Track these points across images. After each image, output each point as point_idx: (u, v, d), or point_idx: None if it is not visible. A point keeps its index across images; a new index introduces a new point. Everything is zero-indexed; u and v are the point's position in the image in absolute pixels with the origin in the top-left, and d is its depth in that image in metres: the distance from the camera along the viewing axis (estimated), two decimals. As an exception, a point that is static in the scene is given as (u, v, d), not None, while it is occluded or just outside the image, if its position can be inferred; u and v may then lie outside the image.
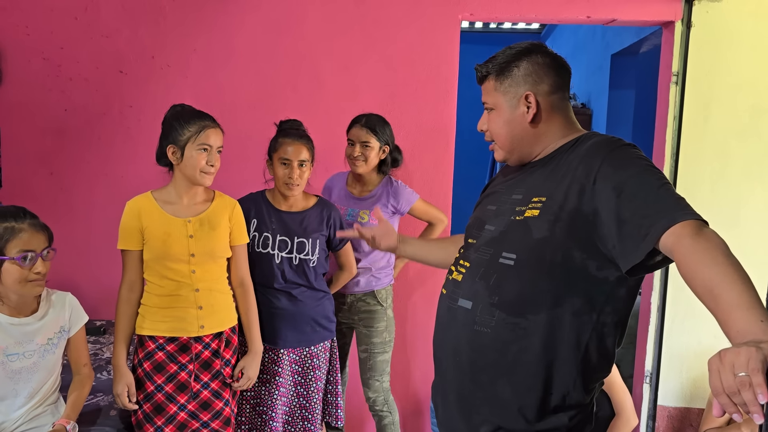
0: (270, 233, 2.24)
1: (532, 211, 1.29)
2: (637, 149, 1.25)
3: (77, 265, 2.86)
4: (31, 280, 1.66)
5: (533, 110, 1.36)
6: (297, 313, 2.26)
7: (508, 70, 1.39)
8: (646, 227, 1.10)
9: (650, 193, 1.14)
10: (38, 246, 1.67)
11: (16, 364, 1.69)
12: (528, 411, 1.28)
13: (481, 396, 1.33)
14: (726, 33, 2.79)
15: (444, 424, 1.44)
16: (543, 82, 1.37)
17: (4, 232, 1.62)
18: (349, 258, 2.45)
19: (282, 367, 2.26)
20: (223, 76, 2.87)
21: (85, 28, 2.85)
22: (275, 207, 2.28)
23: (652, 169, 1.19)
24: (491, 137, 1.45)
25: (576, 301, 1.25)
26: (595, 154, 1.25)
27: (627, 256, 1.15)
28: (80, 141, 2.90)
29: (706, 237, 1.03)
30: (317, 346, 2.31)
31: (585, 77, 5.39)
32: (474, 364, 1.33)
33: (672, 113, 2.85)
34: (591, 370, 1.29)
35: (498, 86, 1.40)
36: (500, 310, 1.28)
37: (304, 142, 2.22)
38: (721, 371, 0.84)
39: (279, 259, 2.23)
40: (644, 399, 3.00)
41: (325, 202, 2.37)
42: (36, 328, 1.74)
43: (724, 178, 2.85)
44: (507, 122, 1.40)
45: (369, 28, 2.85)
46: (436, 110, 2.89)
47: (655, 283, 2.94)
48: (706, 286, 0.99)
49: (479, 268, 1.35)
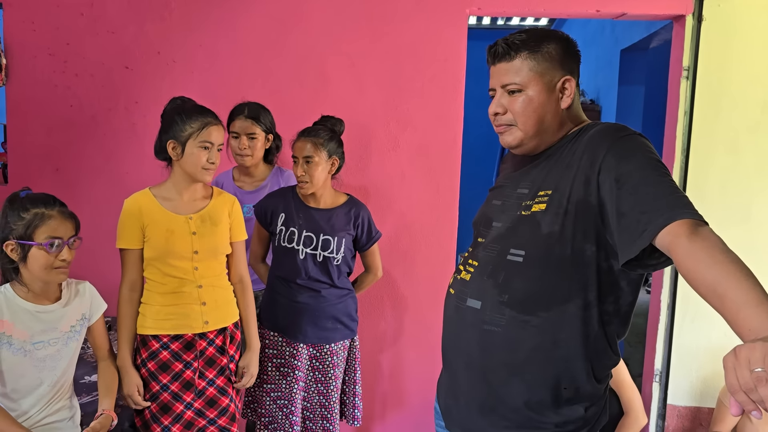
0: (296, 228, 2.23)
1: (539, 205, 1.27)
2: (644, 138, 1.22)
3: (82, 262, 2.82)
4: (56, 267, 1.67)
5: (570, 97, 1.30)
6: (318, 308, 2.25)
7: (543, 49, 1.29)
8: (644, 223, 1.08)
9: (651, 188, 1.11)
10: (65, 233, 1.68)
11: (42, 352, 1.70)
12: (543, 407, 1.27)
13: (495, 395, 1.31)
14: (738, 27, 2.76)
15: (459, 425, 1.41)
16: (574, 69, 1.33)
17: (33, 218, 1.64)
18: (375, 260, 2.44)
19: (301, 361, 2.25)
20: (229, 71, 2.86)
21: (91, 24, 2.84)
22: (304, 203, 2.27)
23: (656, 162, 1.16)
24: (511, 121, 1.33)
25: (586, 294, 1.23)
26: (599, 143, 1.22)
27: (623, 249, 1.13)
28: (86, 137, 2.89)
29: (702, 236, 1.01)
30: (337, 343, 2.30)
31: (594, 73, 5.36)
32: (485, 364, 1.31)
33: (683, 108, 2.82)
34: (600, 359, 1.28)
35: (535, 66, 1.28)
36: (510, 309, 1.26)
37: (308, 139, 2.19)
38: (737, 368, 0.81)
39: (303, 255, 2.22)
40: (654, 398, 2.97)
41: (355, 201, 2.35)
42: (60, 315, 1.75)
43: (736, 173, 2.82)
44: (540, 106, 1.30)
45: (375, 22, 2.83)
46: (443, 106, 2.86)
47: (665, 280, 2.91)
48: (709, 286, 0.97)
49: (488, 266, 1.33)
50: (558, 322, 1.23)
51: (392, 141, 2.88)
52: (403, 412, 3.08)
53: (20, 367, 1.67)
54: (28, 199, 1.67)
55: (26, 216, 1.64)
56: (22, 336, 1.67)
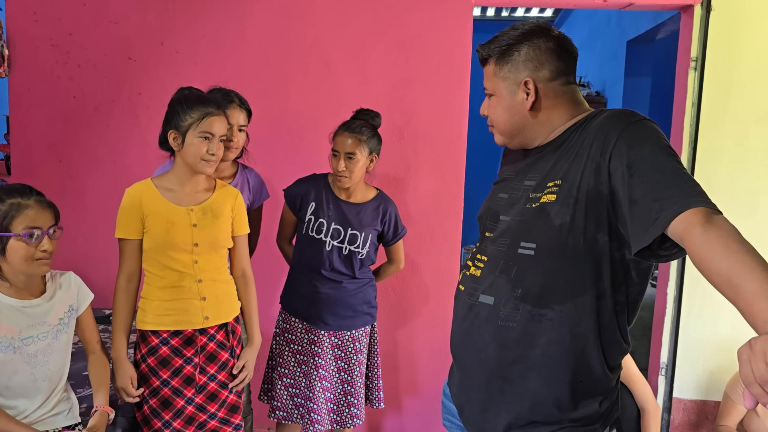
0: (325, 220, 2.24)
1: (549, 196, 1.24)
2: (654, 124, 1.20)
3: (86, 253, 2.85)
4: (37, 259, 1.62)
5: (532, 97, 1.32)
6: (339, 298, 2.28)
7: (508, 55, 1.34)
8: (657, 211, 1.06)
9: (663, 175, 1.09)
10: (45, 223, 1.63)
11: (32, 348, 1.67)
12: (562, 401, 1.25)
13: (512, 392, 1.29)
14: (747, 17, 2.72)
15: (471, 424, 1.39)
16: (543, 67, 1.32)
17: (9, 208, 1.59)
18: (399, 253, 2.48)
19: (322, 348, 2.27)
20: (232, 62, 2.84)
21: (94, 15, 2.83)
22: (335, 195, 2.28)
23: (668, 149, 1.14)
24: (491, 122, 1.41)
25: (600, 284, 1.21)
26: (610, 129, 1.20)
27: (635, 238, 1.11)
28: (89, 128, 2.89)
29: (717, 225, 0.99)
30: (358, 330, 2.33)
31: (600, 65, 5.32)
32: (501, 360, 1.29)
33: (690, 99, 2.79)
34: (613, 349, 1.26)
35: (497, 71, 1.36)
36: (525, 303, 1.24)
37: (353, 134, 2.18)
38: (752, 360, 0.80)
39: (329, 247, 2.24)
40: (660, 391, 2.95)
41: (384, 197, 2.36)
42: (46, 309, 1.72)
43: (744, 165, 2.79)
44: (506, 109, 1.36)
45: (380, 13, 2.81)
46: (449, 97, 2.84)
47: (672, 273, 2.89)
48: (723, 276, 0.95)
49: (498, 261, 1.31)
50: (574, 314, 1.21)
51: (397, 132, 2.86)
52: (411, 407, 3.07)
53: (11, 365, 1.63)
54: (2, 189, 1.61)
55: (2, 207, 1.58)
56: (10, 333, 1.63)
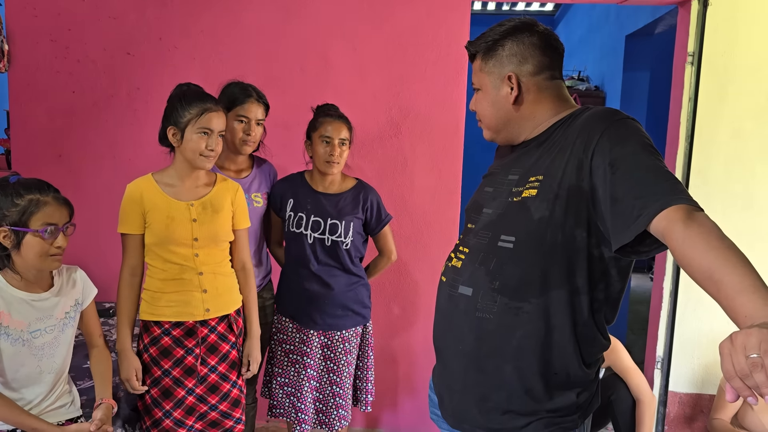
0: (304, 213, 2.24)
1: (530, 191, 1.27)
2: (637, 123, 1.22)
3: (86, 248, 2.86)
4: (51, 255, 1.65)
5: (515, 91, 1.34)
6: (328, 297, 2.25)
7: (493, 50, 1.37)
8: (638, 208, 1.08)
9: (646, 173, 1.11)
10: (61, 220, 1.66)
11: (39, 341, 1.69)
12: (536, 393, 1.28)
13: (488, 383, 1.31)
14: (744, 12, 2.72)
15: (452, 414, 1.41)
16: (527, 62, 1.34)
17: (29, 204, 1.60)
18: (387, 243, 2.41)
19: (311, 347, 2.27)
20: (230, 57, 2.85)
21: (93, 10, 2.83)
22: (312, 188, 2.28)
23: (650, 148, 1.16)
24: (479, 117, 1.44)
25: (576, 280, 1.23)
26: (593, 127, 1.22)
27: (617, 235, 1.12)
28: (88, 123, 2.89)
29: (698, 222, 1.01)
30: (348, 330, 2.30)
31: (598, 59, 5.32)
32: (478, 351, 1.31)
33: (687, 94, 2.80)
34: (589, 346, 1.28)
35: (483, 66, 1.39)
36: (502, 296, 1.26)
37: (344, 122, 2.24)
38: (733, 354, 0.81)
39: (311, 240, 2.23)
40: (656, 385, 2.97)
41: (364, 185, 2.35)
42: (54, 303, 1.74)
43: (740, 160, 2.80)
44: (491, 103, 1.39)
45: (377, 7, 2.81)
46: (446, 92, 2.85)
47: (668, 268, 2.91)
48: (704, 272, 0.96)
49: (479, 253, 1.33)
50: (549, 308, 1.23)
51: (394, 127, 2.87)
52: (402, 399, 3.10)
53: (20, 357, 1.65)
54: (21, 184, 1.62)
55: (21, 202, 1.60)
56: (20, 326, 1.65)
